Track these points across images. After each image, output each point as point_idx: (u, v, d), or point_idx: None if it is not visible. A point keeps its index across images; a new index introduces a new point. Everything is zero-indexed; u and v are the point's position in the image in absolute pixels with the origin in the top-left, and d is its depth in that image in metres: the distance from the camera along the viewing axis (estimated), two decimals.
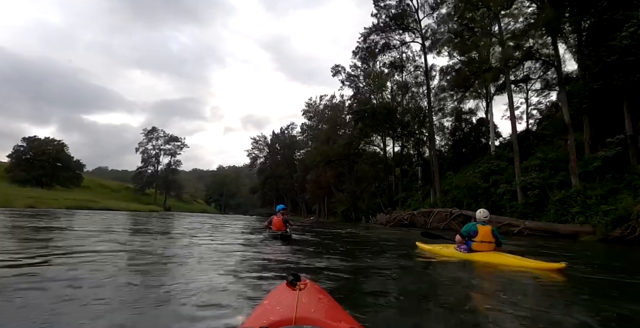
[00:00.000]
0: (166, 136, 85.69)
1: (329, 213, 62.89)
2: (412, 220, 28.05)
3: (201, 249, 7.46)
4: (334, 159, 46.33)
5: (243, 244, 9.11)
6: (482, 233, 6.60)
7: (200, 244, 8.68)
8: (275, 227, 10.47)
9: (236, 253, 7.03)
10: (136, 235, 11.63)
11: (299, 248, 8.16)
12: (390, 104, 35.18)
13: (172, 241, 9.83)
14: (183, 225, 19.55)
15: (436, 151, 33.90)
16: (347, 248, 9.72)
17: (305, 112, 69.28)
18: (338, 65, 51.11)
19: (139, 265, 5.19)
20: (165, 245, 8.56)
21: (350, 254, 8.21)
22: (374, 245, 11.91)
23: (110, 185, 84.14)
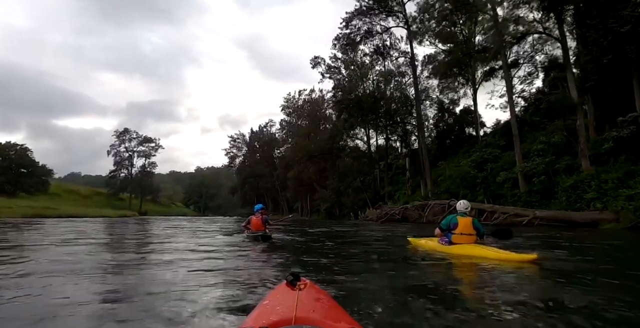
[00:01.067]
0: (139, 137, 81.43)
1: (312, 211, 60.47)
2: (404, 214, 25.81)
3: (172, 256, 6.60)
4: (317, 153, 43.80)
5: (216, 250, 7.89)
6: (462, 225, 6.36)
7: (165, 251, 7.81)
8: (255, 227, 10.04)
9: (214, 260, 6.25)
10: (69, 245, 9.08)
11: (283, 254, 7.34)
12: (376, 93, 32.67)
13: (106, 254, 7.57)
14: (152, 231, 17.27)
15: (425, 140, 31.73)
16: (336, 249, 8.76)
17: (284, 107, 66.49)
18: (317, 57, 48.56)
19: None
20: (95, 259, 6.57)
21: (340, 255, 7.46)
22: (365, 243, 10.61)
23: (80, 191, 79.41)
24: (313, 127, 53.00)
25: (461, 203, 6.64)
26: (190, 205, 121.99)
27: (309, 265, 5.67)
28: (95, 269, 5.10)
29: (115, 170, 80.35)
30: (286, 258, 6.69)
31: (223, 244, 9.61)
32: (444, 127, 42.93)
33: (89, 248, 8.59)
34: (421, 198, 27.96)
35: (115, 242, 11.02)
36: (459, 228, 6.37)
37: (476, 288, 4.22)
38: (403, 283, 4.30)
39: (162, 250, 7.99)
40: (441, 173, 31.37)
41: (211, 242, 10.20)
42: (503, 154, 28.12)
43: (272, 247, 8.37)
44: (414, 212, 25.11)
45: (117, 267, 5.38)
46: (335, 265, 5.78)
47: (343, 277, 4.57)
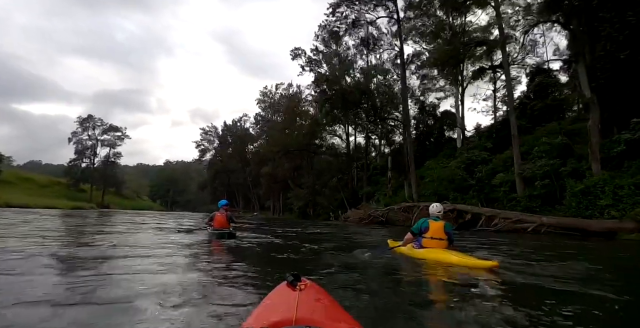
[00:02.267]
0: (104, 125, 75.97)
1: (284, 210, 57.75)
2: (388, 217, 23.55)
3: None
4: (293, 148, 41.03)
5: (170, 249, 6.94)
6: (433, 230, 6.05)
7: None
8: (218, 224, 9.48)
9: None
10: None
11: (248, 255, 6.92)
12: (361, 86, 30.23)
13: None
14: (100, 226, 15.03)
15: (412, 138, 29.59)
16: (310, 253, 7.59)
17: (260, 101, 63.47)
18: (298, 48, 45.96)
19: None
20: None
21: (315, 259, 6.59)
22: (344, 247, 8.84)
23: (37, 179, 73.22)
24: (290, 122, 50.18)
25: (434, 207, 6.35)
26: (157, 199, 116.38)
27: (272, 272, 4.82)
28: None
29: (76, 159, 74.58)
30: (252, 261, 6.05)
31: (179, 243, 8.16)
32: (424, 129, 41.38)
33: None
34: (408, 200, 25.72)
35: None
36: (430, 232, 6.08)
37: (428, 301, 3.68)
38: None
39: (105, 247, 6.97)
40: (425, 174, 29.49)
41: (166, 241, 8.76)
42: (492, 156, 26.49)
43: (239, 248, 7.63)
44: (399, 214, 22.88)
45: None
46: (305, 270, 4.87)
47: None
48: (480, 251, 7.53)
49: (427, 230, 6.08)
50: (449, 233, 6.09)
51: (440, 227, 6.08)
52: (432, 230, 6.06)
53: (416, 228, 6.24)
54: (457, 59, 26.55)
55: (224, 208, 9.72)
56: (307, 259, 6.54)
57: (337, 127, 43.23)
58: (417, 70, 39.76)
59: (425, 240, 6.10)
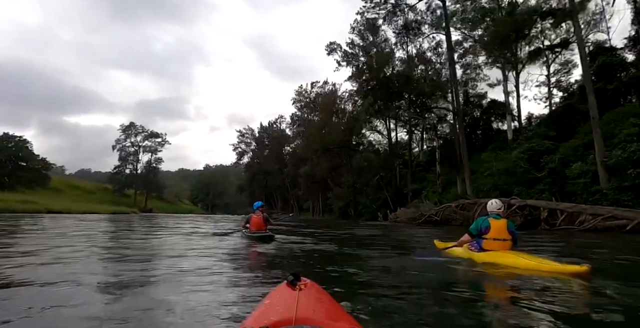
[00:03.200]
0: (145, 132, 77.21)
1: (324, 211, 55.81)
2: (444, 216, 20.99)
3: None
4: (332, 146, 38.90)
5: (208, 252, 6.50)
6: (495, 229, 5.24)
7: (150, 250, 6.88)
8: (255, 227, 8.87)
9: (208, 262, 5.29)
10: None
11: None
12: (408, 72, 27.54)
13: None
14: (139, 230, 14.39)
15: (464, 128, 26.71)
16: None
17: (296, 101, 61.81)
18: (333, 43, 44.02)
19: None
20: None
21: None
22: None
23: (84, 186, 75.41)
24: (327, 120, 48.16)
25: (493, 203, 5.49)
26: (198, 202, 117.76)
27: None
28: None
29: (120, 165, 76.30)
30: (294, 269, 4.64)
31: (215, 246, 7.76)
32: (470, 121, 38.23)
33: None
34: (465, 196, 22.95)
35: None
36: (492, 233, 5.22)
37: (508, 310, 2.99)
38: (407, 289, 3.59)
39: (145, 250, 6.86)
40: (477, 168, 26.60)
41: (204, 244, 8.52)
42: (557, 145, 23.41)
43: (281, 254, 6.72)
44: (457, 212, 20.25)
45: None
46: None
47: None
48: (548, 253, 6.37)
49: (488, 230, 5.30)
50: (513, 232, 5.31)
51: (502, 226, 5.29)
52: (493, 229, 5.27)
53: (475, 229, 5.43)
54: (516, 35, 23.46)
55: (260, 209, 9.15)
56: (352, 266, 5.17)
57: (378, 122, 40.76)
58: (460, 58, 36.72)
59: (487, 242, 5.33)
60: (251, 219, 9.10)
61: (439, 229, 17.99)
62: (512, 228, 5.35)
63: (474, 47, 30.57)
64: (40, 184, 58.48)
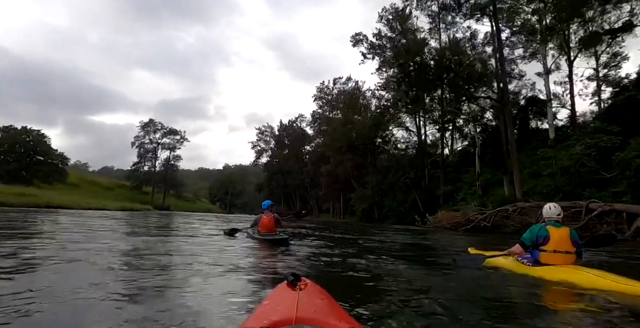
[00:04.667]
0: (164, 129, 75.34)
1: (345, 212, 52.52)
2: (495, 221, 17.50)
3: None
4: (358, 143, 35.57)
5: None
6: (557, 239, 4.30)
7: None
8: (265, 228, 8.01)
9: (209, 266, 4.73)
10: None
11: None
12: (447, 54, 23.90)
13: None
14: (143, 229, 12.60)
15: (512, 120, 23.03)
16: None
17: (317, 97, 58.76)
18: (359, 34, 40.91)
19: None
20: None
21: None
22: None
23: (102, 182, 73.96)
24: (350, 117, 44.93)
25: (551, 208, 4.53)
26: (217, 201, 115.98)
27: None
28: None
29: (138, 162, 74.62)
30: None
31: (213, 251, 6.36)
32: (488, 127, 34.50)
33: None
34: (527, 198, 19.33)
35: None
36: (552, 244, 4.31)
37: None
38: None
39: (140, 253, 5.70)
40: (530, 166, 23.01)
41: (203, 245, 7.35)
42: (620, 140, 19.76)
43: (295, 262, 5.40)
44: (512, 218, 16.75)
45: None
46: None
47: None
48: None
49: (548, 241, 4.31)
50: (577, 243, 4.33)
51: (565, 236, 4.31)
52: (554, 240, 4.28)
53: (529, 239, 4.45)
54: (578, 11, 19.76)
55: (270, 209, 8.30)
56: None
57: (407, 118, 37.30)
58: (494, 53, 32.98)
59: (546, 255, 4.32)
60: (260, 220, 8.25)
61: (487, 236, 14.89)
62: (576, 238, 4.42)
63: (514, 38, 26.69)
64: (58, 179, 56.99)
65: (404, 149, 37.62)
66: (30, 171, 53.49)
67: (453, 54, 23.29)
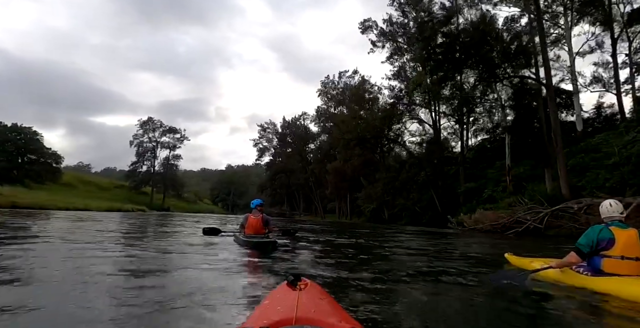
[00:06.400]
0: (164, 127, 72.12)
1: (352, 213, 49.04)
2: (549, 222, 14.02)
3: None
4: (368, 136, 32.06)
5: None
6: (624, 243, 3.38)
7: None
8: (251, 229, 7.21)
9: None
10: None
11: None
12: (480, 27, 20.28)
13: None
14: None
15: (555, 105, 19.52)
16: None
17: (322, 92, 55.35)
18: (368, 20, 37.59)
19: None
20: None
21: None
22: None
23: (99, 182, 70.79)
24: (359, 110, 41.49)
25: (612, 205, 3.59)
26: (219, 202, 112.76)
27: None
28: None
29: (136, 161, 71.37)
30: None
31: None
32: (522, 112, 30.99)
33: None
34: (598, 194, 15.77)
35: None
36: (618, 248, 3.35)
37: None
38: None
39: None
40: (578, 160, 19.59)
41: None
42: None
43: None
44: (574, 217, 13.29)
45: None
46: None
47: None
48: None
49: (612, 244, 3.38)
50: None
51: (634, 239, 3.38)
52: (621, 243, 3.35)
53: (586, 244, 3.50)
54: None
55: (258, 208, 7.38)
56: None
57: (422, 109, 33.81)
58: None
59: (611, 262, 3.41)
60: (247, 220, 7.35)
61: (538, 241, 11.88)
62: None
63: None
64: (51, 179, 53.91)
65: (418, 143, 34.22)
66: (21, 170, 50.44)
67: (486, 27, 19.77)
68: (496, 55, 19.25)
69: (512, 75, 20.63)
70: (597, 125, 30.00)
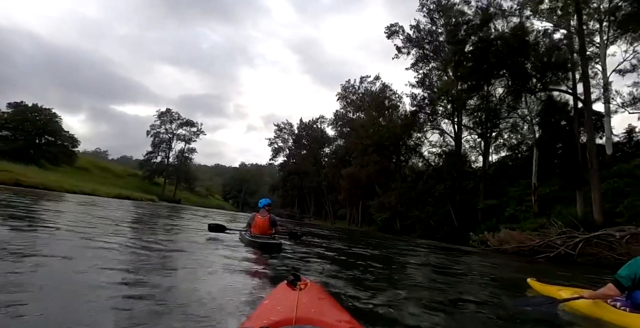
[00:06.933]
0: (181, 119, 71.97)
1: (362, 220, 47.77)
2: (583, 249, 12.67)
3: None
4: (388, 143, 30.89)
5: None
6: None
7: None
8: (258, 229, 7.01)
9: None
10: None
11: None
12: (519, 32, 18.85)
13: None
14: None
15: (592, 121, 18.11)
16: None
17: (341, 96, 54.34)
18: (395, 25, 36.50)
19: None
20: None
21: None
22: None
23: (115, 169, 71.00)
24: (378, 117, 40.35)
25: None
26: (230, 199, 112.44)
27: None
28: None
29: (152, 151, 71.29)
30: None
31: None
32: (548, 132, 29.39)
33: None
34: (602, 220, 14.37)
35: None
36: None
37: None
38: None
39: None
40: None
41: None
42: None
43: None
44: (619, 245, 11.93)
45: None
46: None
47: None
48: None
49: None
50: None
51: None
52: None
53: (628, 276, 3.14)
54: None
55: (266, 208, 7.14)
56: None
57: (443, 121, 32.55)
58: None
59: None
60: (254, 219, 7.11)
61: (570, 269, 10.57)
62: None
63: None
64: (67, 161, 54.06)
65: (438, 154, 32.88)
66: (38, 151, 50.61)
67: (523, 34, 18.45)
68: (531, 67, 17.92)
69: (549, 88, 19.22)
70: (627, 150, 28.29)
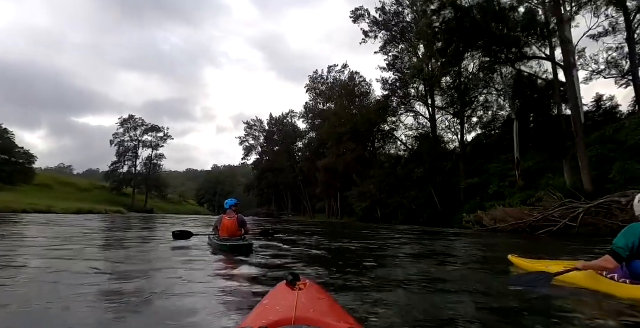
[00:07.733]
0: (146, 125, 68.60)
1: (342, 212, 46.81)
2: (586, 219, 11.92)
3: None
4: (362, 129, 29.79)
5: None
6: None
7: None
8: (226, 232, 6.52)
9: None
10: None
11: None
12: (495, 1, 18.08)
13: None
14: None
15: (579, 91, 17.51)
16: None
17: (310, 88, 52.92)
18: (360, 8, 35.38)
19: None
20: None
21: None
22: None
23: (77, 183, 67.01)
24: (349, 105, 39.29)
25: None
26: (205, 203, 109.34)
27: None
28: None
29: (117, 161, 67.66)
30: None
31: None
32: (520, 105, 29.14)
33: None
34: (592, 188, 13.67)
35: None
36: None
37: None
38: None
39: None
40: None
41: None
42: None
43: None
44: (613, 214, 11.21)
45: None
46: None
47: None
48: None
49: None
50: None
51: None
52: None
53: (625, 246, 2.84)
54: None
55: (233, 209, 6.69)
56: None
57: (418, 104, 31.77)
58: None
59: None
60: (222, 222, 6.63)
61: (574, 242, 9.83)
62: None
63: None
64: (23, 180, 50.30)
65: (415, 136, 32.09)
66: None
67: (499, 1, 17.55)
68: (507, 33, 17.12)
69: (528, 56, 18.50)
70: (597, 118, 28.38)
